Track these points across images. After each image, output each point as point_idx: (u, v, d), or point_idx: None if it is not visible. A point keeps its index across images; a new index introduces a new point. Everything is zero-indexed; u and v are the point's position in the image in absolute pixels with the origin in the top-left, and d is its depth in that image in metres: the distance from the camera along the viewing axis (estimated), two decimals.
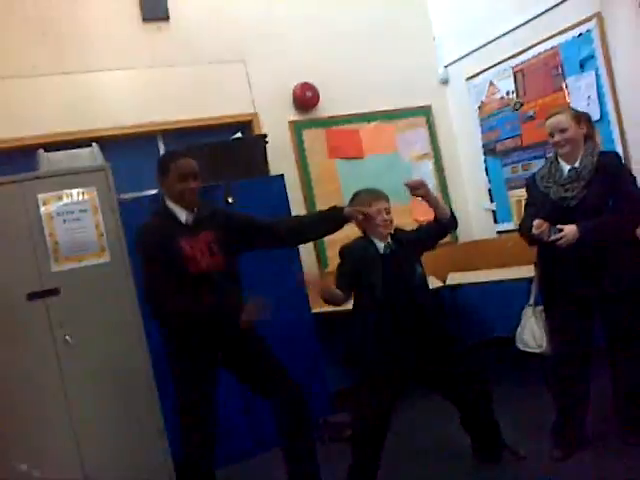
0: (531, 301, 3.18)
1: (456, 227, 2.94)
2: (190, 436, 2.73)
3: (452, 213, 2.87)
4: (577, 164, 2.82)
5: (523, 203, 4.45)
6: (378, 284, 2.73)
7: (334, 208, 2.84)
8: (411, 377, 2.89)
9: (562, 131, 2.82)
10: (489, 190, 4.88)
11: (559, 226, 2.70)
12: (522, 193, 4.47)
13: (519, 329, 3.18)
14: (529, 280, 3.79)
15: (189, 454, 2.76)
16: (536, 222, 2.73)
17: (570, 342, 2.88)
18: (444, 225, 2.86)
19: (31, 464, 3.22)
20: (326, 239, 4.31)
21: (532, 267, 4.14)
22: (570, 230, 2.68)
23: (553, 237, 2.68)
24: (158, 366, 3.45)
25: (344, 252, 2.86)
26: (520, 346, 3.17)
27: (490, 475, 2.91)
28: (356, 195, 2.88)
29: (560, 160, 2.90)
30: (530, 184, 3.05)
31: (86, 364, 3.35)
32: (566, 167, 2.86)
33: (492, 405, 2.96)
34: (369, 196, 2.81)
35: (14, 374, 3.23)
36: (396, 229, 2.88)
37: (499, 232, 4.88)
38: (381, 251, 2.80)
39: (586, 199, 2.75)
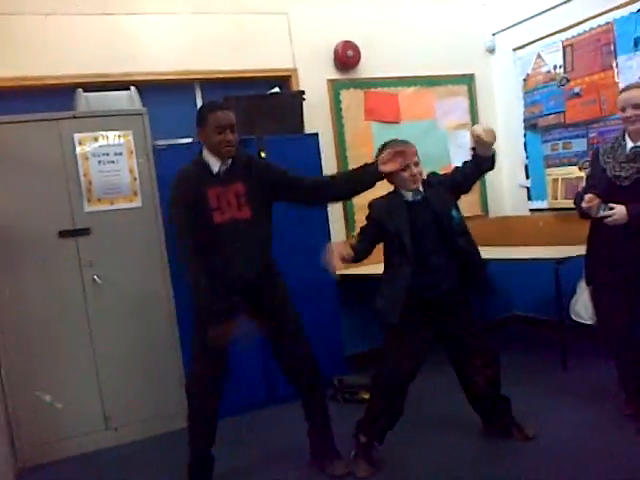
0: (584, 274, 3.14)
1: (492, 166, 2.75)
2: (203, 372, 2.77)
3: (493, 155, 2.72)
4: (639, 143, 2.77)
5: (560, 182, 4.43)
6: (405, 231, 2.68)
7: (366, 164, 2.79)
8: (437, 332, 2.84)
9: (635, 106, 2.74)
10: (526, 166, 4.79)
11: (610, 204, 2.68)
12: (560, 172, 4.44)
13: (573, 300, 3.23)
14: (556, 261, 3.76)
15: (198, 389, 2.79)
16: (587, 196, 2.73)
17: (610, 314, 2.91)
18: (483, 158, 2.69)
19: (54, 396, 3.34)
20: (355, 202, 4.36)
21: (560, 248, 4.14)
22: (620, 210, 2.66)
23: (602, 214, 2.68)
24: (182, 313, 3.53)
25: (371, 205, 2.83)
26: (573, 316, 3.23)
27: (496, 451, 2.93)
28: (384, 146, 2.81)
29: (626, 137, 2.84)
30: (593, 158, 3.01)
31: (112, 304, 3.44)
32: (629, 144, 2.81)
33: (499, 381, 2.94)
34: (398, 145, 2.75)
35: (43, 308, 3.34)
36: (428, 174, 2.82)
37: (532, 210, 4.80)
38: (409, 198, 2.75)
39: (639, 181, 2.72)
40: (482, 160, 2.72)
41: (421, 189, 2.77)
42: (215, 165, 2.73)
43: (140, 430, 3.49)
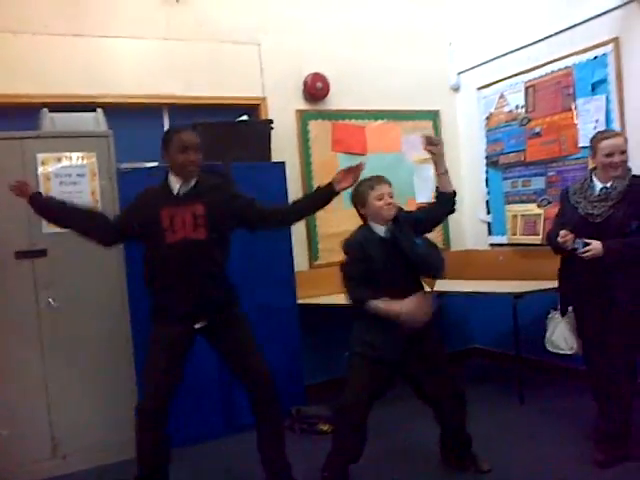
0: (559, 305, 3.28)
1: (453, 208, 2.92)
2: (147, 397, 2.74)
3: (454, 193, 2.89)
4: (609, 184, 2.95)
5: (519, 218, 4.54)
6: (380, 268, 2.73)
7: (320, 187, 2.86)
8: (399, 367, 2.86)
9: (622, 152, 2.94)
10: (487, 202, 4.90)
11: (585, 240, 2.86)
12: (519, 208, 4.54)
13: (548, 333, 3.32)
14: (514, 295, 3.83)
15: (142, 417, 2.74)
16: (562, 232, 2.90)
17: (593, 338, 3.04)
18: (446, 197, 2.87)
19: (1, 421, 3.22)
20: (319, 232, 4.40)
21: (518, 282, 4.23)
22: (596, 245, 2.84)
23: (579, 249, 2.85)
24: (138, 339, 3.47)
25: (346, 246, 2.85)
26: (550, 348, 3.33)
27: None
28: (359, 185, 2.84)
29: (594, 178, 3.03)
30: (563, 197, 3.21)
31: (67, 328, 3.36)
32: (598, 186, 3.00)
33: (465, 417, 2.96)
34: (371, 181, 2.83)
35: None
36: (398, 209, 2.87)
37: (492, 244, 4.90)
38: (381, 234, 2.81)
39: (611, 218, 2.90)
40: (444, 198, 2.86)
41: (390, 224, 2.81)
42: (176, 186, 2.75)
43: (90, 458, 3.38)
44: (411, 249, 2.76)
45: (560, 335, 3.24)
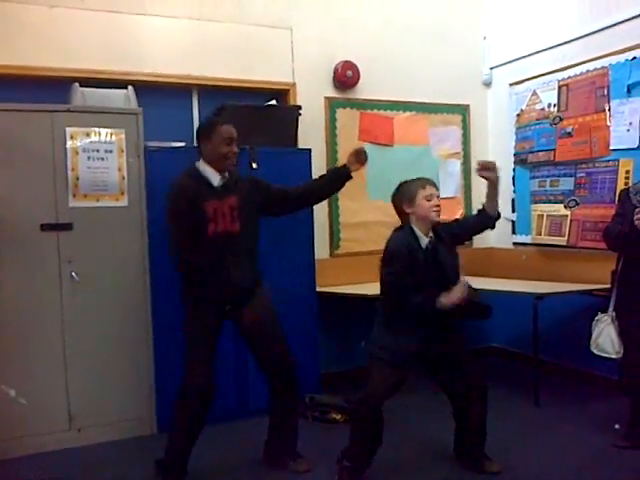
0: (611, 308, 3.25)
1: (494, 223, 2.96)
2: (196, 375, 2.80)
3: (499, 215, 2.92)
4: None
5: (545, 218, 4.47)
6: (421, 278, 2.71)
7: (336, 168, 3.14)
8: (420, 363, 2.87)
9: None
10: (512, 200, 4.84)
11: None
12: (546, 208, 4.48)
13: (594, 334, 3.30)
14: (535, 296, 3.78)
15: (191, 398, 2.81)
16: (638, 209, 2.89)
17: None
18: (489, 218, 2.89)
19: (20, 391, 3.27)
20: (341, 221, 4.39)
21: (540, 283, 4.18)
22: None
23: None
24: (158, 318, 3.49)
25: (392, 255, 2.75)
26: (595, 351, 3.30)
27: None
28: (403, 184, 2.86)
29: None
30: (623, 197, 3.25)
31: (88, 303, 3.39)
32: None
33: (486, 413, 2.93)
34: (419, 181, 2.82)
35: (16, 301, 3.28)
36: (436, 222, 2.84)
37: (515, 243, 4.84)
38: (424, 246, 2.78)
39: None
40: (487, 218, 2.89)
41: (431, 235, 2.80)
42: (214, 178, 2.82)
43: (104, 433, 3.42)
44: (449, 267, 2.76)
45: (607, 338, 3.22)
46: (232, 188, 2.83)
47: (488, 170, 2.83)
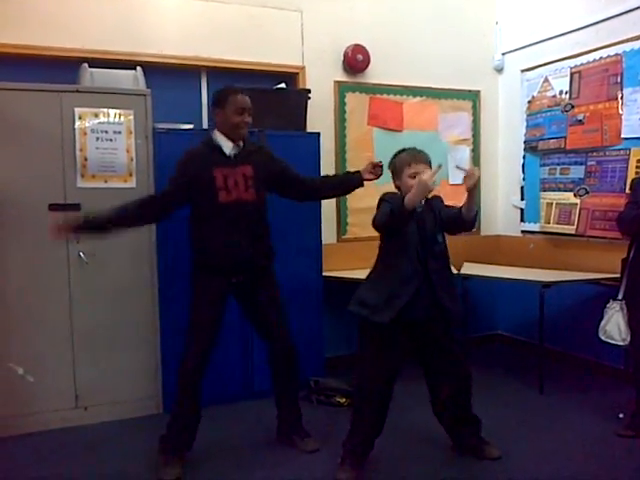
0: (620, 295, 3.27)
1: (470, 229, 2.79)
2: (193, 349, 2.85)
3: (475, 216, 2.74)
4: None
5: (554, 206, 4.45)
6: (407, 240, 2.68)
7: (350, 172, 3.18)
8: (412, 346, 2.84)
9: None
10: (522, 187, 4.81)
11: None
12: (555, 196, 4.45)
13: (603, 321, 3.32)
14: (542, 284, 3.78)
15: (187, 366, 2.85)
16: None
17: None
18: (463, 222, 2.71)
19: (27, 369, 3.30)
20: (349, 206, 4.39)
21: (547, 272, 4.16)
22: None
23: None
24: (165, 299, 3.51)
25: (385, 194, 2.77)
26: (603, 337, 3.32)
27: (464, 467, 2.90)
28: (397, 154, 2.82)
29: None
30: (636, 186, 3.22)
31: (95, 283, 3.41)
32: None
33: (470, 401, 2.92)
34: (409, 156, 2.76)
35: (25, 280, 3.30)
36: (433, 196, 2.77)
37: (523, 231, 4.81)
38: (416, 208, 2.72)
39: None
40: (463, 222, 2.70)
41: (422, 202, 2.73)
42: (227, 147, 2.85)
43: (110, 412, 3.45)
44: (431, 240, 2.72)
45: (615, 325, 3.24)
46: (247, 157, 2.86)
47: (470, 178, 2.65)
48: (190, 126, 3.66)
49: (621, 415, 3.31)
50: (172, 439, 2.88)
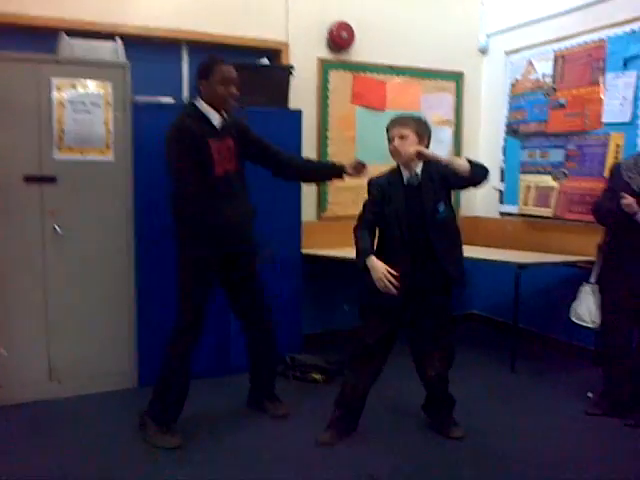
0: (592, 279, 3.38)
1: (486, 176, 2.63)
2: (186, 333, 2.87)
3: (475, 164, 2.59)
4: None
5: (533, 189, 4.48)
6: (396, 213, 2.72)
7: (334, 164, 3.13)
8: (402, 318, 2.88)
9: None
10: (502, 170, 4.83)
11: None
12: (534, 179, 4.49)
13: (575, 302, 3.45)
14: (518, 265, 3.82)
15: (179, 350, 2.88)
16: (625, 195, 2.95)
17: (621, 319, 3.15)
18: (470, 179, 2.61)
19: (1, 341, 3.28)
20: (328, 184, 4.35)
21: (524, 253, 4.22)
22: None
23: (636, 211, 2.94)
24: (141, 272, 3.49)
25: (369, 184, 2.84)
26: (573, 319, 3.46)
27: (434, 445, 2.95)
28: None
29: None
30: (614, 172, 3.24)
31: (70, 256, 3.38)
32: None
33: (447, 377, 2.97)
34: (389, 122, 2.81)
35: (0, 250, 3.26)
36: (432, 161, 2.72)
37: (502, 213, 4.85)
38: (405, 182, 2.76)
39: None
40: (466, 177, 2.61)
41: (419, 172, 2.75)
42: (215, 118, 2.82)
43: (84, 385, 3.44)
44: (431, 212, 2.72)
45: (585, 308, 3.35)
46: (229, 129, 2.86)
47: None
48: (170, 100, 3.62)
49: (590, 394, 3.39)
50: (168, 408, 2.88)
